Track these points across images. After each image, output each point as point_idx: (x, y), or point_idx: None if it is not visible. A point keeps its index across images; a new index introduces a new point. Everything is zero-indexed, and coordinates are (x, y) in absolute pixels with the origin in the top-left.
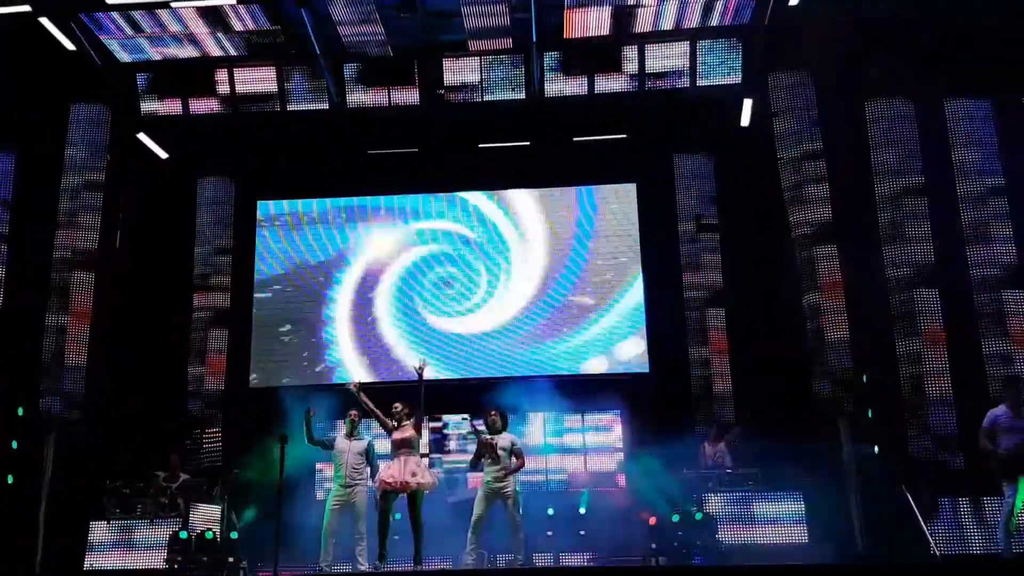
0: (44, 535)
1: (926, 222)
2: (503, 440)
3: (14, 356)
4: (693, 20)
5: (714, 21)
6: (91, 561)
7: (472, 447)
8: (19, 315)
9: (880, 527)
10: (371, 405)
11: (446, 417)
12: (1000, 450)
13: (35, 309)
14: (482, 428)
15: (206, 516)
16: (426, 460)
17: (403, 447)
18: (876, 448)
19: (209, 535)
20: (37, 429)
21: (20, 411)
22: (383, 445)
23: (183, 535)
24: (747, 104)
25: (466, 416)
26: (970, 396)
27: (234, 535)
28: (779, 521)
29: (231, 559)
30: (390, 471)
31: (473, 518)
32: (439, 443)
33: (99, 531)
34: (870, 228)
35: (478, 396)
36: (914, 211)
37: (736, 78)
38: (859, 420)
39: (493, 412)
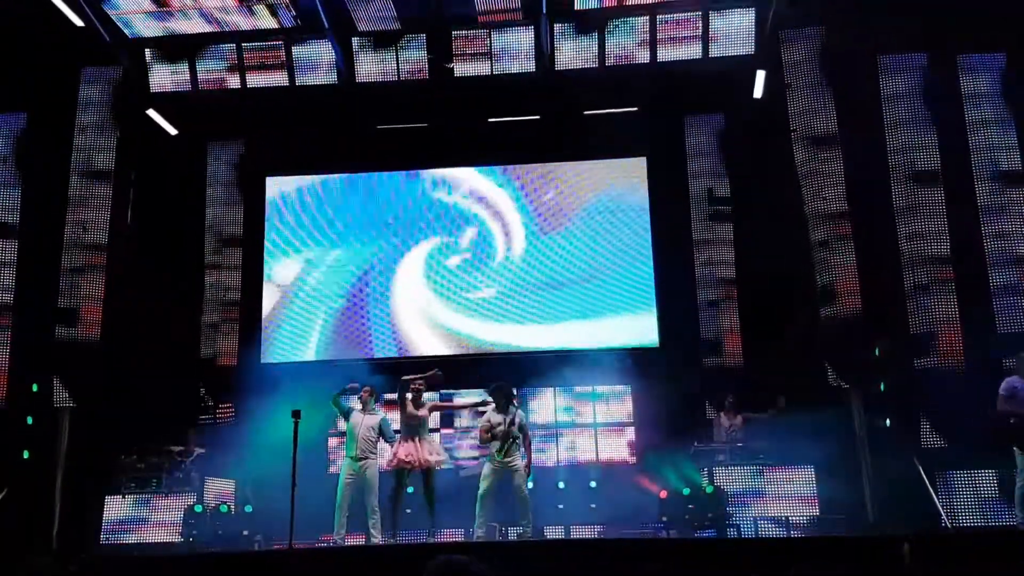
0: (60, 510)
1: (939, 190)
2: (512, 417)
3: (28, 332)
4: None
5: None
6: (107, 535)
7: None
8: (33, 292)
9: (891, 499)
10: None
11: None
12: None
13: (48, 286)
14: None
15: (220, 490)
16: (436, 436)
17: (414, 426)
18: (888, 421)
19: (224, 508)
20: (52, 405)
21: (35, 387)
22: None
23: (198, 509)
24: (760, 75)
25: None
26: (984, 369)
27: (248, 509)
28: (790, 494)
29: (245, 532)
30: (406, 449)
31: (480, 492)
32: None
33: (114, 506)
34: (883, 198)
35: (490, 370)
36: (927, 177)
37: (749, 49)
38: (871, 393)
39: (501, 388)
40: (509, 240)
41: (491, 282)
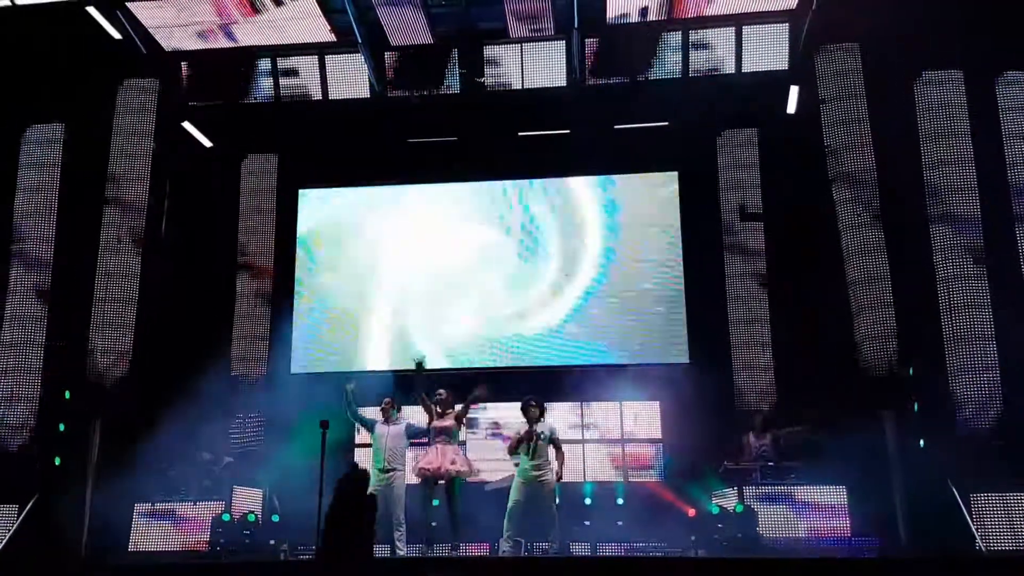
0: (90, 516)
1: (976, 205)
2: (542, 429)
3: (62, 339)
4: (739, 5)
5: (761, 6)
6: (136, 543)
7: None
8: (67, 300)
9: (925, 521)
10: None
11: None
12: None
13: (82, 294)
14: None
15: (249, 499)
16: (466, 448)
17: (441, 435)
18: (921, 442)
19: (251, 517)
20: (84, 412)
21: (67, 395)
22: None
23: (226, 517)
24: (793, 90)
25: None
26: (1020, 389)
27: (276, 518)
28: (821, 514)
29: (272, 542)
30: (428, 458)
31: (509, 505)
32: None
33: (144, 513)
34: (918, 216)
35: (519, 385)
36: (963, 196)
37: (783, 64)
38: (905, 413)
39: (532, 402)
40: (537, 255)
41: (521, 297)
